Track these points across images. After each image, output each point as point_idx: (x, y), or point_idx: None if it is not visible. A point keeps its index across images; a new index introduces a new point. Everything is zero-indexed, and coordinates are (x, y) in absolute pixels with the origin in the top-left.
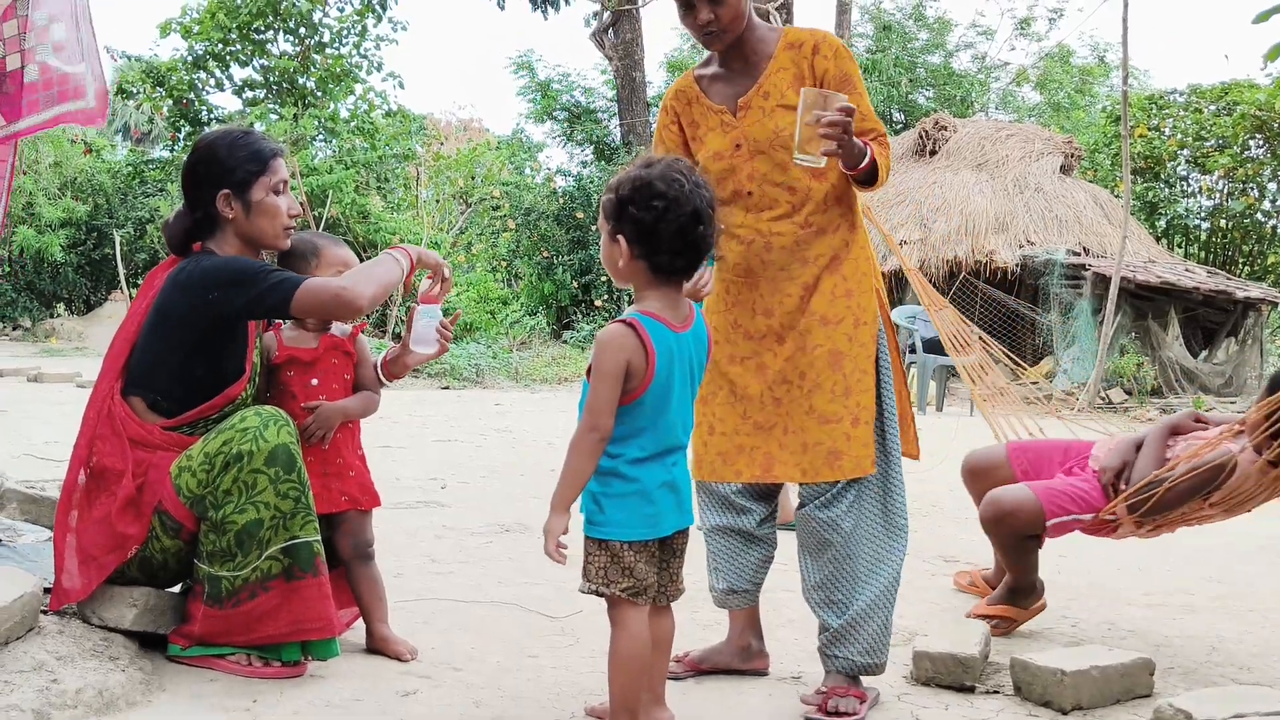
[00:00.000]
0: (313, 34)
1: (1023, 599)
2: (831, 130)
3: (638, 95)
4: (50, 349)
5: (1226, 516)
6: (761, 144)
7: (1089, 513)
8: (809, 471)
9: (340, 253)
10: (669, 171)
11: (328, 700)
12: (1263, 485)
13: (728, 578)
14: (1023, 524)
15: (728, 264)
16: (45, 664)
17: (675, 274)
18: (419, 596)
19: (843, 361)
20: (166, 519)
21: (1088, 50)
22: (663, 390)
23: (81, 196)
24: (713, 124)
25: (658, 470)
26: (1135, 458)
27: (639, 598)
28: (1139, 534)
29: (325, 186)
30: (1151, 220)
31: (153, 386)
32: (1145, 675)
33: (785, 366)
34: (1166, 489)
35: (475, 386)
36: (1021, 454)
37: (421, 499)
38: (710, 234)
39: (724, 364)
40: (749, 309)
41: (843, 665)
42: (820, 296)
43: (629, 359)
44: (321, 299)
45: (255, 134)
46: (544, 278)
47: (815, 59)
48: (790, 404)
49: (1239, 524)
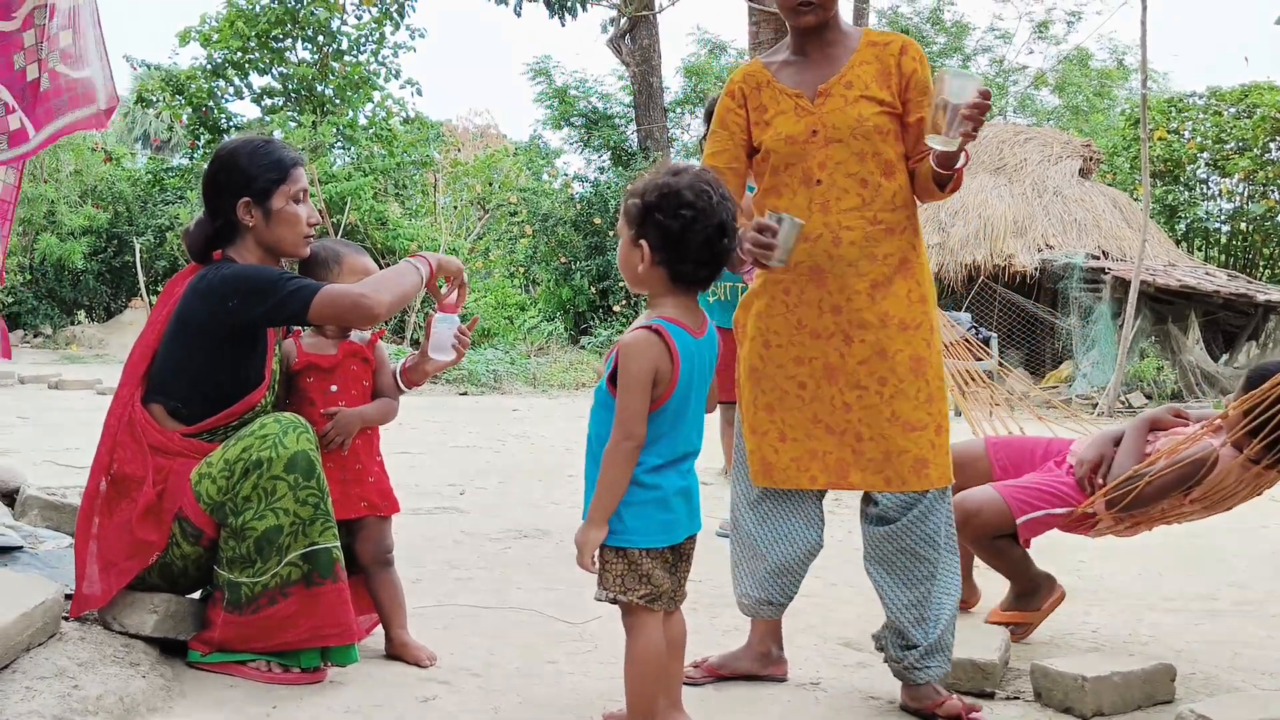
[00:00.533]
0: (331, 42)
1: (1031, 600)
2: (973, 113)
3: (655, 101)
4: (71, 356)
5: (1206, 514)
6: (841, 131)
7: (1061, 507)
8: (894, 480)
9: (361, 260)
10: (697, 182)
11: (347, 706)
12: (1244, 482)
13: (768, 590)
14: (989, 524)
15: (790, 264)
16: (66, 670)
17: (696, 284)
18: (438, 602)
19: (925, 368)
20: (187, 525)
21: (1106, 53)
22: (683, 396)
23: (102, 204)
24: (785, 107)
25: (674, 477)
26: (1113, 452)
27: (655, 604)
28: (1117, 530)
29: (344, 193)
30: (1171, 224)
31: (173, 394)
32: (1167, 681)
33: (859, 370)
34: (1146, 483)
35: (493, 392)
36: (1000, 449)
37: (440, 505)
38: (733, 248)
39: (790, 367)
40: (815, 307)
41: (935, 675)
42: (895, 300)
43: (656, 365)
44: (340, 306)
45: (276, 142)
46: (561, 283)
47: (903, 59)
48: (866, 410)
49: (1261, 529)
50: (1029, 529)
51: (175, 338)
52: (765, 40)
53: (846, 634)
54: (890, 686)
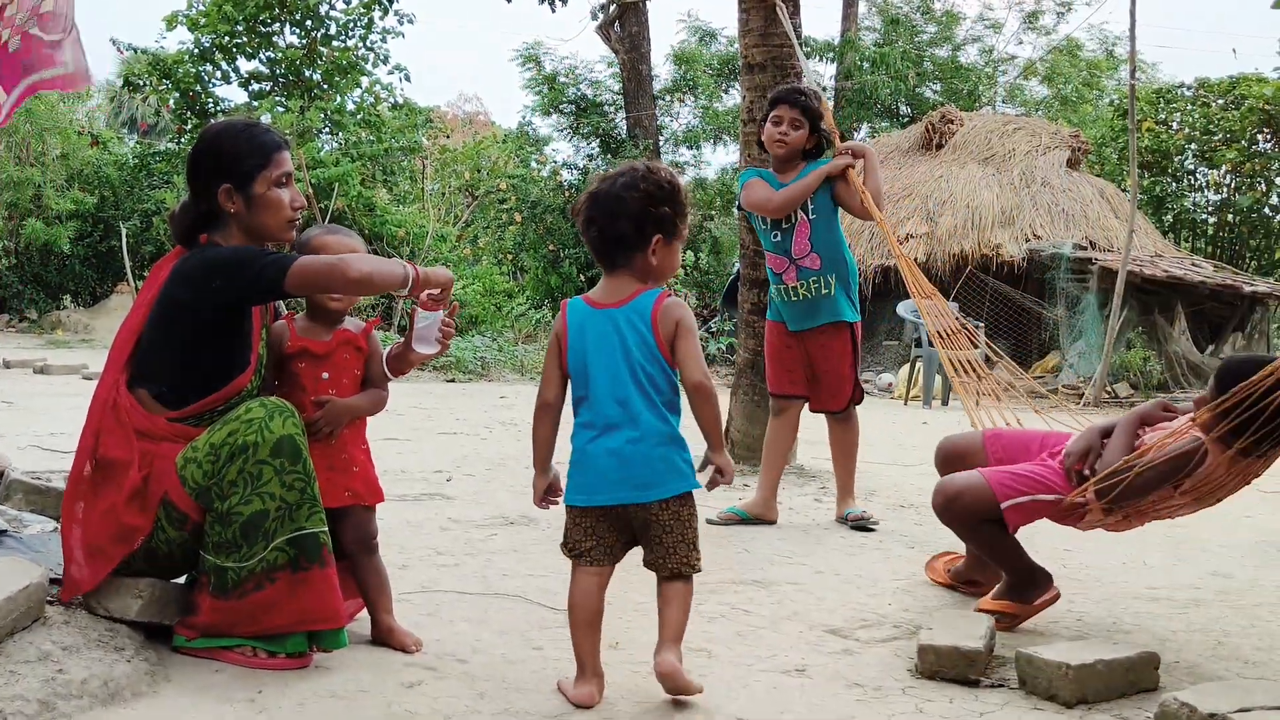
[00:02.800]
0: (319, 27)
1: (1023, 592)
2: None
3: (644, 89)
4: (56, 341)
5: (1197, 507)
6: None
7: (1048, 494)
8: None
9: (350, 243)
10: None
11: (332, 691)
12: (1233, 474)
13: None
14: (970, 507)
15: None
16: (51, 654)
17: (602, 262)
18: (424, 588)
19: None
20: (172, 510)
21: (1096, 44)
22: (579, 361)
23: (89, 188)
24: None
25: (598, 441)
26: (1101, 444)
27: (579, 560)
28: (1106, 524)
29: (331, 179)
30: (1158, 214)
31: (158, 378)
32: (1150, 669)
33: None
34: (1136, 474)
35: (480, 379)
36: (997, 441)
37: (426, 491)
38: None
39: None
40: None
41: None
42: None
43: (556, 333)
44: (316, 269)
45: (259, 126)
46: (550, 271)
47: None
48: None
49: (1244, 519)
50: (1014, 514)
51: (159, 322)
52: (754, 28)
53: (832, 621)
54: (874, 674)
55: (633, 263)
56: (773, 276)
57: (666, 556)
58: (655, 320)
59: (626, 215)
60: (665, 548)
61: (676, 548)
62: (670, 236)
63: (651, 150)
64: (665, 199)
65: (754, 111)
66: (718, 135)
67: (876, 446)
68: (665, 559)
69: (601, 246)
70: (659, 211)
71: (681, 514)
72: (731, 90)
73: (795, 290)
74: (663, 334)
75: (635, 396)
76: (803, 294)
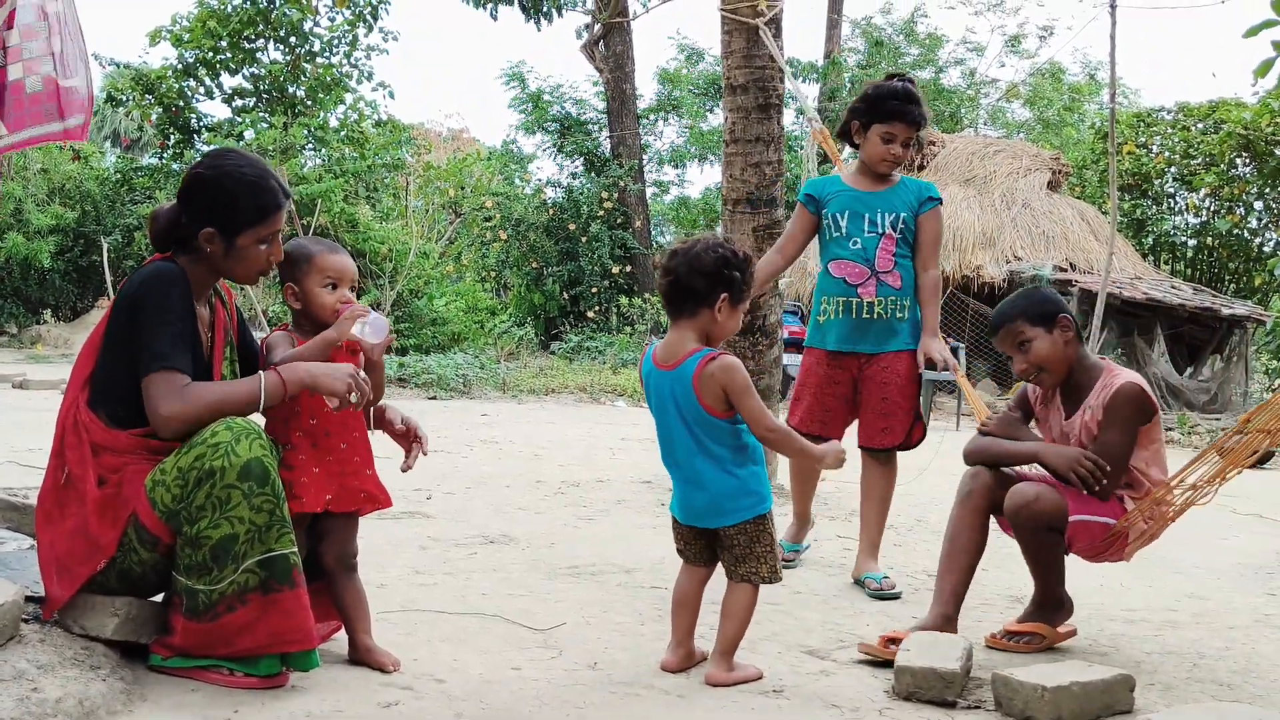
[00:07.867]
0: (303, 43)
1: (1052, 614)
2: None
3: (628, 108)
4: (36, 355)
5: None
6: None
7: (1110, 517)
8: None
9: (333, 259)
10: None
11: (309, 711)
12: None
13: None
14: (1043, 513)
15: None
16: (25, 673)
17: (671, 313)
18: (402, 608)
19: None
20: (143, 532)
21: (1079, 68)
22: (652, 408)
23: (70, 203)
24: None
25: (671, 470)
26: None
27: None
28: (1144, 540)
29: (314, 195)
30: (1138, 237)
31: (110, 400)
32: (1125, 691)
33: None
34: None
35: (462, 397)
36: None
37: (406, 510)
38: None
39: None
40: None
41: None
42: None
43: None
44: (149, 394)
45: (267, 179)
46: (533, 288)
47: None
48: None
49: (1220, 542)
50: (1078, 530)
51: (107, 343)
52: (736, 49)
53: (809, 642)
54: (851, 695)
55: (698, 315)
56: (838, 288)
57: (736, 565)
58: (696, 388)
59: (702, 271)
60: (735, 557)
61: (746, 559)
62: (735, 300)
63: (635, 170)
64: (738, 266)
65: (737, 132)
66: (703, 155)
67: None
68: (735, 567)
69: (674, 295)
70: (730, 274)
71: (750, 532)
72: (717, 110)
73: (871, 307)
74: (707, 400)
75: (697, 457)
76: (879, 312)
